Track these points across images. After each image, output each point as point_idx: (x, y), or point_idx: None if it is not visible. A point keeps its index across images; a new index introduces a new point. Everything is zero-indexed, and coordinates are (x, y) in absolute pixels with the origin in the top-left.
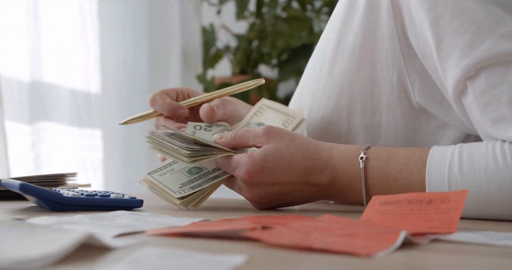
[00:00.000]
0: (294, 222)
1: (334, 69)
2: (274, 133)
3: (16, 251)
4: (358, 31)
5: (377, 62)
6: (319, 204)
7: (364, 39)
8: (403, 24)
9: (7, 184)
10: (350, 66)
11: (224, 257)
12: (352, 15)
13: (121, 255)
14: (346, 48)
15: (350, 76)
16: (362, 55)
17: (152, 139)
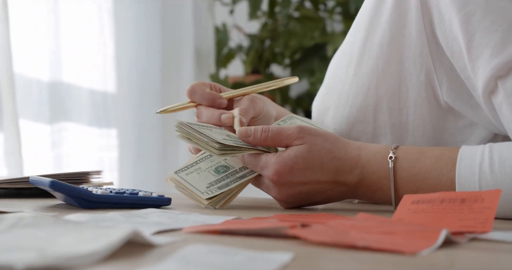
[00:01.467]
0: (331, 221)
1: (361, 68)
2: (307, 134)
3: (64, 247)
4: (385, 30)
5: (405, 60)
6: (342, 203)
7: (391, 38)
8: (432, 22)
9: (36, 181)
10: (377, 65)
11: (270, 254)
12: (380, 14)
13: (164, 252)
14: (373, 46)
15: (377, 75)
16: (389, 53)
17: (181, 129)
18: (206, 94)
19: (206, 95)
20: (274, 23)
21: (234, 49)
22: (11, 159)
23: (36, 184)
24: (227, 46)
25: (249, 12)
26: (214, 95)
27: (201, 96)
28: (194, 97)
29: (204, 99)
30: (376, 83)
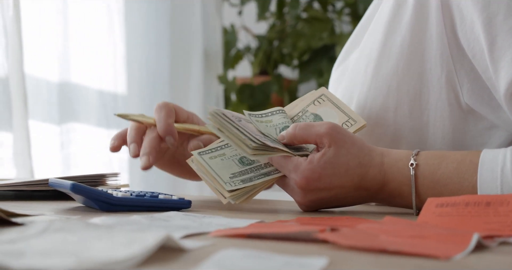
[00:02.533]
0: (359, 224)
1: (380, 70)
2: (337, 135)
3: (100, 252)
4: (406, 32)
5: (426, 62)
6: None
7: (412, 40)
8: (453, 24)
9: (56, 184)
10: (398, 67)
11: (305, 259)
12: (400, 16)
13: (197, 257)
14: (394, 48)
15: (397, 77)
16: (410, 55)
17: (216, 118)
18: (168, 126)
19: (167, 127)
20: (282, 24)
21: (242, 50)
22: (20, 160)
23: (56, 187)
24: (235, 47)
25: (257, 13)
26: (171, 131)
27: (164, 124)
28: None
29: (164, 129)
30: (397, 85)
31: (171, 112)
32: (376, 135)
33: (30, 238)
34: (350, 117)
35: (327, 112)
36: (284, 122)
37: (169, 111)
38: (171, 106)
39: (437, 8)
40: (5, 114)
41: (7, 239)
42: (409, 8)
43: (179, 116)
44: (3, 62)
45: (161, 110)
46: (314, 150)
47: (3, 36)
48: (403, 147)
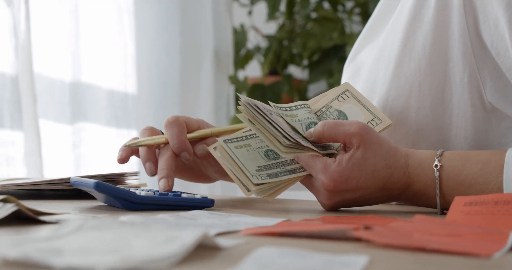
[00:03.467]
0: (391, 223)
1: (401, 70)
2: (366, 136)
3: (140, 250)
4: (428, 31)
5: (449, 61)
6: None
7: (434, 39)
8: (476, 22)
9: (78, 182)
10: (419, 66)
11: (347, 257)
12: (421, 15)
13: (234, 255)
14: (416, 47)
15: (419, 77)
16: (432, 54)
17: (248, 109)
18: (182, 142)
19: (181, 144)
20: (291, 24)
21: (251, 50)
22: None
23: (78, 185)
24: (245, 47)
25: (267, 13)
26: (186, 147)
27: (178, 141)
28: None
29: (178, 147)
30: (419, 85)
31: (182, 127)
32: (397, 136)
33: (65, 236)
34: (376, 116)
35: (351, 109)
36: (309, 117)
37: (180, 126)
38: (181, 121)
39: (460, 7)
40: (16, 113)
41: (42, 237)
42: (431, 7)
43: (190, 128)
44: (13, 62)
45: (171, 126)
46: (341, 150)
47: (13, 36)
48: (425, 148)
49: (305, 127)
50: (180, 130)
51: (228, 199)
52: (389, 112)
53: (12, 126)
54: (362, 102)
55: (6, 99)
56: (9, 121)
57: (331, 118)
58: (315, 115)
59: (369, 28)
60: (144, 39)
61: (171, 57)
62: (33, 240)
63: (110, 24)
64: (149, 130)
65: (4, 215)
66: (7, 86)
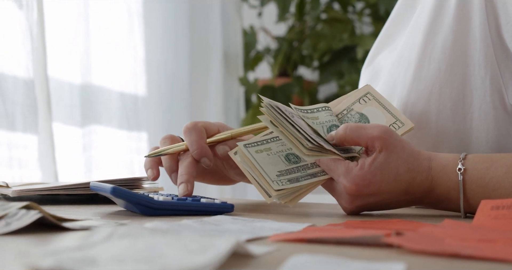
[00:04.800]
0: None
1: (421, 73)
2: (389, 139)
3: (174, 259)
4: (448, 33)
5: (469, 64)
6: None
7: (455, 41)
8: (498, 24)
9: (96, 187)
10: (440, 69)
11: (383, 265)
12: (441, 17)
13: (267, 263)
14: (435, 50)
15: (439, 80)
16: (453, 57)
17: (270, 111)
18: (201, 148)
19: (201, 150)
20: (301, 25)
21: (261, 51)
22: (44, 163)
23: (97, 190)
24: (255, 49)
25: (278, 14)
26: (206, 153)
27: (197, 147)
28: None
29: (198, 153)
30: (439, 88)
31: (201, 132)
32: (417, 140)
33: (96, 245)
34: (398, 119)
35: (373, 112)
36: (330, 120)
37: (199, 132)
38: (200, 126)
39: (481, 8)
40: (30, 117)
41: (74, 246)
42: (451, 9)
43: (209, 132)
44: (28, 65)
45: (190, 132)
46: (363, 153)
47: (28, 39)
48: (445, 151)
49: (326, 129)
50: (199, 135)
51: (246, 203)
52: (409, 115)
53: (25, 129)
54: (384, 104)
55: (20, 103)
56: (22, 124)
57: (353, 120)
58: (336, 118)
59: (386, 32)
60: (153, 41)
61: (180, 58)
62: (64, 249)
63: (120, 26)
64: (169, 138)
65: (28, 222)
66: (20, 90)
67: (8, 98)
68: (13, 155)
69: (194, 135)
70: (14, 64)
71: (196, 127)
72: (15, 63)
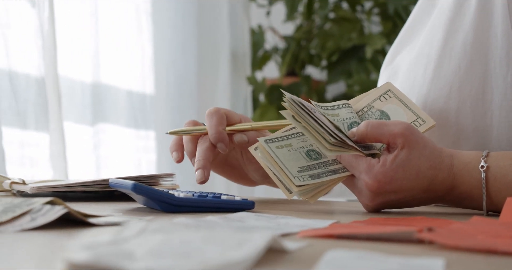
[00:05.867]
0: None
1: (441, 70)
2: (411, 136)
3: (213, 253)
4: (469, 30)
5: (490, 61)
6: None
7: (476, 38)
8: None
9: (116, 184)
10: (460, 66)
11: (423, 261)
12: (462, 14)
13: (302, 258)
14: (456, 48)
15: (460, 77)
16: (473, 54)
17: (293, 106)
18: (219, 133)
19: (218, 134)
20: (309, 24)
21: (269, 51)
22: (56, 161)
23: (117, 187)
24: (262, 48)
25: (286, 13)
26: (223, 138)
27: (216, 131)
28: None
29: (215, 137)
30: (459, 85)
31: (222, 118)
32: (437, 137)
33: (130, 239)
34: (419, 117)
35: (394, 110)
36: (351, 117)
37: (220, 117)
38: (222, 112)
39: (503, 5)
40: (42, 115)
41: (108, 240)
42: (472, 6)
43: (231, 120)
44: (39, 64)
45: (212, 117)
46: (384, 150)
47: (40, 37)
48: (465, 149)
49: (347, 126)
50: (219, 121)
51: (263, 200)
52: (428, 113)
53: (37, 127)
54: (404, 102)
55: (32, 101)
56: (34, 123)
57: (373, 118)
58: (357, 115)
59: (406, 32)
60: (161, 40)
61: (188, 58)
62: (99, 243)
63: (129, 25)
64: (192, 122)
65: (54, 217)
66: (32, 88)
67: (20, 96)
68: (25, 154)
69: (215, 120)
70: (26, 62)
71: (218, 112)
72: (27, 61)
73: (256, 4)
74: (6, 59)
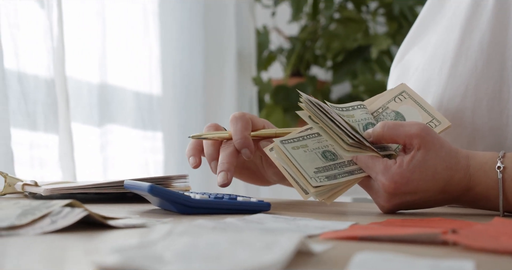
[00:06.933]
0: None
1: (457, 69)
2: (427, 137)
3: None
4: (486, 30)
5: (507, 60)
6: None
7: (493, 37)
8: None
9: (131, 186)
10: (476, 65)
11: (453, 263)
12: (479, 14)
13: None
14: (472, 47)
15: (476, 75)
16: (490, 53)
17: (309, 106)
18: (245, 139)
19: (244, 140)
20: (314, 25)
21: (274, 51)
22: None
23: (132, 189)
24: (268, 49)
25: (292, 14)
26: (248, 144)
27: (241, 136)
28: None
29: (240, 142)
30: (475, 84)
31: (247, 123)
32: (452, 136)
33: (157, 243)
34: (434, 118)
35: (409, 111)
36: (366, 118)
37: (246, 123)
38: (247, 117)
39: None
40: (51, 116)
41: (135, 243)
42: (489, 5)
43: (255, 126)
44: (49, 64)
45: (237, 121)
46: (400, 151)
47: (49, 38)
48: (480, 149)
49: (362, 127)
50: (244, 126)
51: (277, 201)
52: (444, 112)
53: (46, 128)
54: (420, 103)
55: (41, 102)
56: (43, 124)
57: (388, 119)
58: (372, 116)
59: (415, 31)
60: (168, 41)
61: (194, 58)
62: (127, 246)
63: (136, 26)
64: (213, 126)
65: (75, 220)
66: (41, 89)
67: (29, 97)
68: (35, 155)
69: (240, 124)
70: (36, 63)
71: (244, 117)
72: (37, 62)
73: (261, 4)
74: (15, 60)
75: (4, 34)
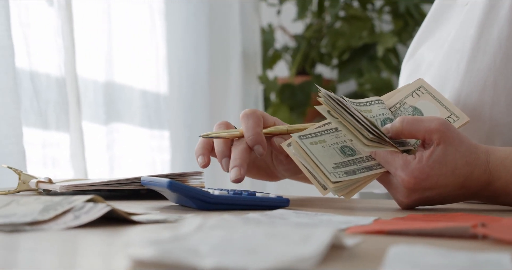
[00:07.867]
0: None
1: (474, 64)
2: (447, 132)
3: (279, 249)
4: (504, 24)
5: None
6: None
7: (511, 32)
8: None
9: (149, 182)
10: (495, 60)
11: (489, 256)
12: (497, 9)
13: (362, 254)
14: (490, 42)
15: (494, 71)
16: (509, 48)
17: (328, 101)
18: (257, 135)
19: (257, 136)
20: (320, 23)
21: (279, 50)
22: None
23: (149, 185)
24: (273, 47)
25: (297, 12)
26: (261, 141)
27: (253, 133)
28: (245, 125)
29: (253, 139)
30: (494, 79)
31: (259, 120)
32: (470, 132)
33: (191, 236)
34: (453, 113)
35: (427, 106)
36: (384, 113)
37: (257, 119)
38: (259, 114)
39: None
40: (62, 115)
41: (169, 237)
42: (507, 0)
43: (266, 123)
44: (60, 64)
45: (248, 118)
46: (419, 146)
47: (60, 37)
48: (499, 144)
49: (380, 123)
50: (256, 123)
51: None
52: (462, 107)
53: (58, 127)
54: (437, 98)
55: (52, 101)
56: (55, 123)
57: (406, 114)
58: (389, 112)
59: (427, 26)
60: (174, 40)
61: (199, 57)
62: (162, 240)
63: (142, 25)
64: (224, 124)
65: (98, 215)
66: (53, 88)
67: (41, 96)
68: (47, 154)
69: (252, 121)
70: (47, 61)
71: (255, 114)
72: (48, 60)
73: (266, 3)
74: (27, 59)
75: (16, 33)
